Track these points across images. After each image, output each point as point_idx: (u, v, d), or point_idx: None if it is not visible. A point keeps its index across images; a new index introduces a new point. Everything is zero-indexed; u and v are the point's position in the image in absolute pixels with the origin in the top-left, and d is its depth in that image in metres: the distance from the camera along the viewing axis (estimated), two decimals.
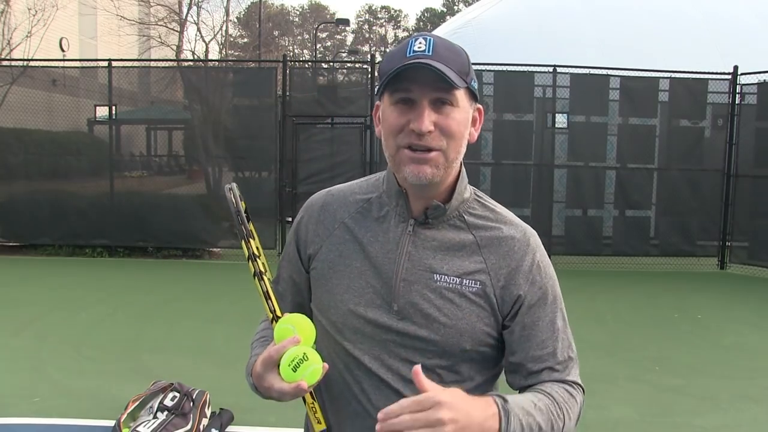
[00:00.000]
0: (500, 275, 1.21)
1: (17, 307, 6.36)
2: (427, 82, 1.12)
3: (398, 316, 1.19)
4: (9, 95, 9.04)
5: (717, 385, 4.55)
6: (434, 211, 1.21)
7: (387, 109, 1.18)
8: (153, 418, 3.48)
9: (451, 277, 1.19)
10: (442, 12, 59.37)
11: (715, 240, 8.96)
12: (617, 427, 3.84)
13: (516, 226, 1.26)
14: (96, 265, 8.64)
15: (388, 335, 1.20)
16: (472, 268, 1.21)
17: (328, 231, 1.28)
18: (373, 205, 1.27)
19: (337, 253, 1.26)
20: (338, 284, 1.24)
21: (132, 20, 14.91)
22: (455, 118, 1.15)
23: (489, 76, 8.75)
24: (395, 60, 1.15)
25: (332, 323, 1.25)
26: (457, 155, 1.18)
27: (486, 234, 1.24)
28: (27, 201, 9.08)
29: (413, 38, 1.16)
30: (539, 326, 1.23)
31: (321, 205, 1.32)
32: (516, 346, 1.22)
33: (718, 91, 8.83)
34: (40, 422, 3.74)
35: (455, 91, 1.14)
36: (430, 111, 1.13)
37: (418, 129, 1.12)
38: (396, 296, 1.20)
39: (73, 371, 4.59)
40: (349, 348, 1.23)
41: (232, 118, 9.39)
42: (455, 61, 1.14)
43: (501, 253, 1.22)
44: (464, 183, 1.26)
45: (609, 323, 6.22)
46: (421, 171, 1.15)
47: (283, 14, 54.25)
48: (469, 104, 1.19)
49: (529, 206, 8.94)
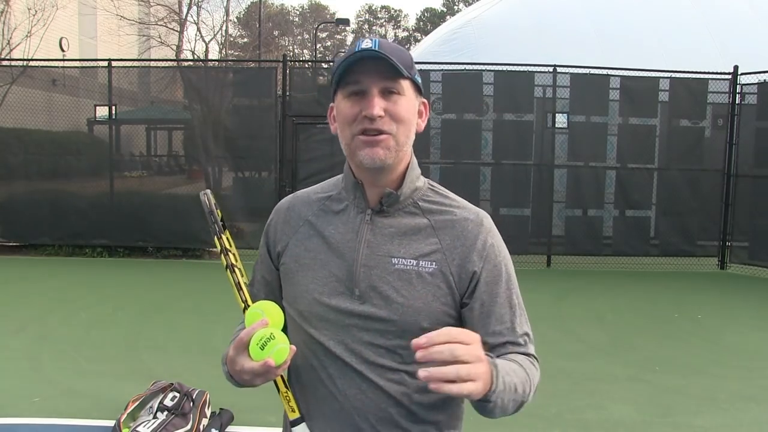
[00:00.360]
0: (455, 254, 1.28)
1: (17, 307, 6.36)
2: (375, 73, 1.22)
3: (360, 300, 1.26)
4: (9, 95, 9.04)
5: (717, 385, 4.55)
6: (388, 199, 1.29)
7: (341, 104, 1.27)
8: (153, 418, 3.48)
9: (408, 259, 1.26)
10: (442, 12, 59.33)
11: (715, 240, 8.96)
12: (617, 427, 3.84)
13: (469, 210, 1.34)
14: (96, 265, 8.64)
15: (350, 320, 1.26)
16: (428, 249, 1.27)
17: (293, 229, 1.37)
18: (333, 201, 1.36)
19: (302, 248, 1.34)
20: (304, 276, 1.31)
21: (132, 20, 14.92)
22: (403, 105, 1.25)
23: (489, 76, 8.75)
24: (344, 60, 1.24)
25: (300, 313, 1.32)
26: (406, 139, 1.27)
27: (440, 217, 1.31)
28: (27, 201, 9.07)
29: (360, 40, 1.25)
30: (497, 302, 1.29)
31: (287, 207, 1.41)
32: (476, 322, 1.28)
33: (718, 91, 8.82)
34: (40, 422, 3.74)
35: (401, 81, 1.24)
36: (379, 98, 1.22)
37: (370, 114, 1.21)
38: (357, 281, 1.26)
39: (73, 371, 4.59)
40: (315, 335, 1.29)
41: (232, 118, 9.39)
42: (399, 56, 1.23)
43: (455, 234, 1.29)
44: (415, 172, 1.33)
45: (609, 323, 6.21)
46: (374, 153, 1.23)
47: (283, 14, 54.25)
48: (414, 95, 1.29)
49: (529, 206, 8.94)
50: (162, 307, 6.47)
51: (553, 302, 6.92)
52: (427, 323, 1.24)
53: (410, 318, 1.24)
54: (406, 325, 1.23)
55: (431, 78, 8.85)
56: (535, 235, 9.00)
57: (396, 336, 1.24)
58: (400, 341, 1.24)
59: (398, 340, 1.24)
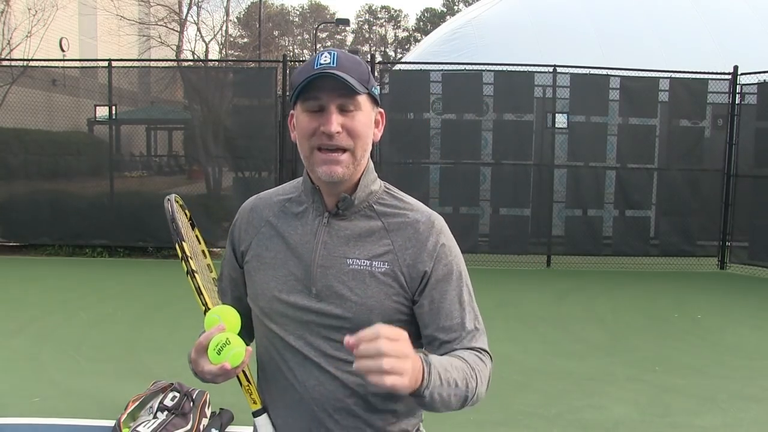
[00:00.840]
0: (406, 255, 1.34)
1: (17, 307, 6.36)
2: (333, 90, 1.28)
3: (317, 298, 1.33)
4: (9, 95, 9.04)
5: (717, 385, 4.55)
6: (344, 203, 1.35)
7: (300, 116, 1.33)
8: (153, 418, 3.48)
9: (362, 260, 1.33)
10: (442, 12, 59.33)
11: (715, 240, 8.96)
12: (617, 427, 3.84)
13: (422, 212, 1.40)
14: (96, 265, 8.64)
15: (308, 316, 1.34)
16: (381, 250, 1.34)
17: (255, 229, 1.45)
18: (293, 203, 1.43)
19: (263, 247, 1.41)
20: (265, 275, 1.39)
21: (132, 20, 14.90)
22: (360, 120, 1.31)
23: (489, 76, 8.75)
24: (304, 73, 1.30)
25: (261, 309, 1.40)
26: (364, 153, 1.33)
27: (393, 220, 1.37)
28: (27, 201, 9.07)
29: (319, 54, 1.31)
30: (447, 299, 1.35)
31: (250, 208, 1.49)
32: (427, 318, 1.35)
33: (718, 91, 8.82)
34: (40, 422, 3.74)
35: (358, 97, 1.30)
36: (337, 115, 1.28)
37: (328, 131, 1.27)
38: (314, 281, 1.34)
39: (73, 371, 4.59)
40: (276, 330, 1.37)
41: (232, 118, 9.39)
42: (356, 71, 1.29)
43: (407, 235, 1.36)
44: (371, 176, 1.39)
45: (609, 323, 6.21)
46: (333, 171, 1.30)
47: (283, 14, 54.24)
48: (371, 108, 1.35)
49: (529, 206, 8.94)
50: (162, 307, 6.47)
51: (553, 302, 6.92)
52: (380, 320, 1.27)
53: (364, 315, 1.30)
54: (360, 321, 1.27)
55: (431, 78, 8.85)
56: (535, 235, 9.00)
57: (351, 332, 1.23)
58: None
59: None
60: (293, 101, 1.34)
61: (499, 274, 8.27)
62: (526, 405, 4.12)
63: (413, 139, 8.75)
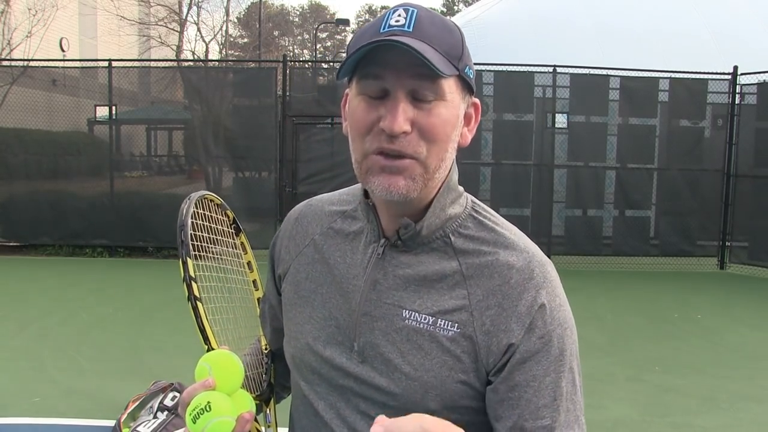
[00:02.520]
0: (486, 315, 0.93)
1: (17, 307, 6.36)
2: (405, 68, 0.87)
3: (359, 358, 0.97)
4: (9, 95, 9.04)
5: (717, 385, 4.55)
6: (405, 231, 0.96)
7: (354, 100, 0.93)
8: (153, 418, 3.48)
9: (423, 315, 0.94)
10: (442, 12, 59.41)
11: (715, 240, 8.96)
12: (617, 427, 3.84)
13: (519, 252, 0.97)
14: (96, 265, 8.64)
15: (346, 380, 0.98)
16: (452, 305, 0.94)
17: (297, 248, 1.08)
18: (346, 218, 1.05)
19: (304, 274, 1.06)
20: (301, 312, 1.04)
21: (132, 20, 14.92)
22: (440, 116, 0.90)
23: (489, 76, 8.75)
24: (366, 36, 0.89)
25: (291, 358, 1.06)
26: (441, 163, 0.93)
27: (476, 261, 0.96)
28: (27, 201, 9.07)
29: (391, 10, 0.91)
30: (535, 387, 0.92)
31: (296, 218, 1.12)
32: (500, 410, 0.93)
33: (718, 91, 8.82)
34: (40, 422, 3.74)
35: (442, 81, 0.88)
36: (407, 105, 0.88)
37: (390, 129, 0.87)
38: (356, 333, 0.97)
39: (73, 371, 4.59)
40: (305, 389, 1.04)
41: (232, 118, 9.39)
42: (443, 40, 0.89)
43: (491, 286, 0.94)
44: (452, 196, 0.99)
45: (609, 323, 6.21)
46: (392, 184, 0.90)
47: (283, 14, 54.25)
48: (460, 97, 0.93)
49: (529, 206, 8.95)
50: (162, 307, 6.47)
51: None
52: (436, 404, 0.93)
53: (415, 395, 0.94)
54: (409, 401, 0.93)
55: None
56: (535, 235, 8.98)
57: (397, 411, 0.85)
58: None
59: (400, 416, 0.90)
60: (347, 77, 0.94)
61: None
62: None
63: None
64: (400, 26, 0.88)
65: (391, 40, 0.85)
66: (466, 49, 0.92)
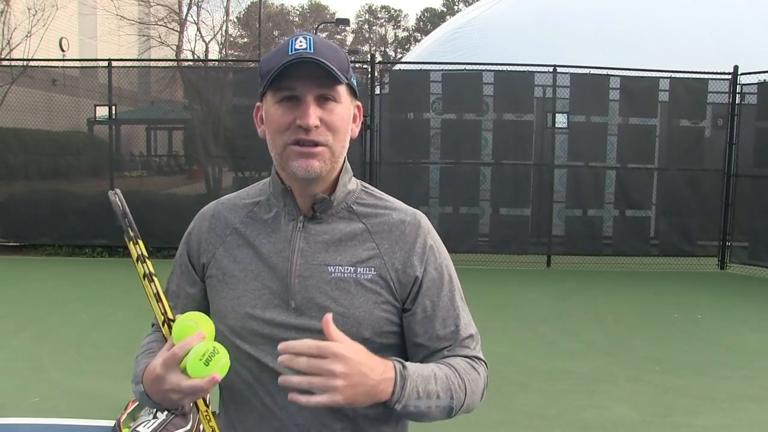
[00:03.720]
0: (395, 259, 1.23)
1: (17, 307, 6.36)
2: (311, 78, 1.14)
3: (296, 312, 1.20)
4: (9, 95, 9.04)
5: (717, 385, 4.55)
6: (321, 205, 1.23)
7: (271, 108, 1.19)
8: (153, 418, 3.48)
9: (345, 267, 1.21)
10: (442, 12, 59.32)
11: (715, 240, 8.96)
12: (617, 427, 3.84)
13: (405, 211, 1.28)
14: (96, 265, 8.64)
15: (287, 333, 1.18)
16: (366, 255, 1.22)
17: (220, 238, 1.29)
18: (261, 207, 1.28)
19: (230, 258, 1.26)
20: (234, 289, 1.24)
21: (132, 20, 14.90)
22: (339, 113, 1.18)
23: (489, 76, 8.75)
24: (277, 59, 1.15)
25: (231, 329, 1.24)
26: (342, 149, 1.21)
27: (376, 221, 1.25)
28: (27, 201, 9.07)
29: (293, 38, 1.18)
30: (440, 306, 1.25)
31: (211, 214, 1.33)
32: (419, 327, 1.24)
33: (718, 91, 8.82)
34: (40, 422, 3.74)
35: (338, 87, 1.17)
36: (315, 107, 1.15)
37: (306, 124, 1.14)
38: (293, 294, 1.20)
39: (73, 371, 4.59)
40: (250, 351, 1.22)
41: (232, 118, 9.39)
42: (335, 59, 1.16)
43: (393, 237, 1.24)
44: (348, 175, 1.27)
45: (609, 323, 6.21)
46: (309, 165, 1.17)
47: (283, 14, 54.25)
48: (350, 100, 1.22)
49: (529, 206, 8.94)
50: None
51: (553, 302, 6.92)
52: (369, 333, 1.20)
53: (351, 329, 1.17)
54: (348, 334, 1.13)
55: (431, 78, 8.85)
56: (535, 235, 9.00)
57: None
58: None
59: None
60: (262, 91, 1.20)
61: (499, 274, 8.27)
62: (526, 405, 4.12)
63: (413, 139, 8.74)
64: (303, 49, 1.15)
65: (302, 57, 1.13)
66: (350, 63, 1.22)
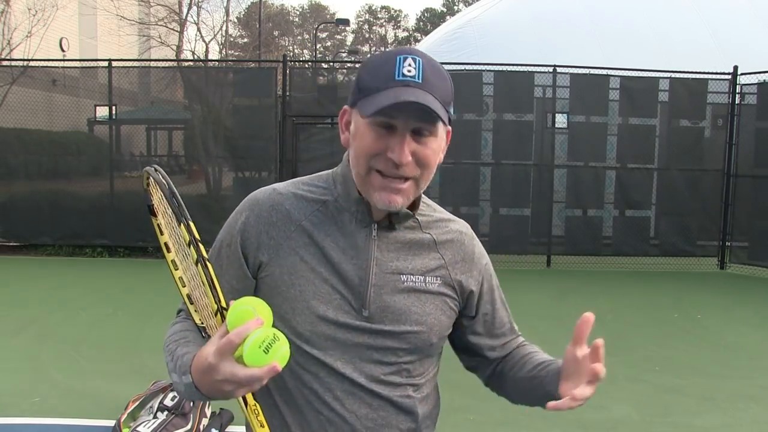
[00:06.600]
0: (457, 269, 1.29)
1: (17, 307, 6.35)
2: (412, 112, 1.09)
3: (368, 321, 1.20)
4: (9, 95, 9.04)
5: (717, 385, 4.55)
6: (398, 216, 1.22)
7: (362, 126, 1.14)
8: (153, 418, 3.48)
9: (416, 276, 1.24)
10: (442, 12, 59.34)
11: (715, 240, 8.96)
12: (617, 427, 3.84)
13: (457, 221, 1.34)
14: (96, 265, 8.64)
15: (360, 338, 1.20)
16: (433, 265, 1.26)
17: (284, 234, 1.22)
18: (329, 207, 1.24)
19: (297, 257, 1.21)
20: (303, 290, 1.20)
21: (132, 20, 14.89)
22: (432, 148, 1.15)
23: (489, 76, 8.75)
24: (381, 79, 1.11)
25: (297, 332, 1.20)
26: (427, 182, 1.19)
27: (439, 231, 1.29)
28: (27, 201, 9.07)
29: (401, 56, 1.12)
30: (497, 308, 1.37)
31: (270, 205, 1.25)
32: (480, 327, 1.35)
33: (718, 91, 8.82)
34: (40, 422, 3.74)
35: (437, 122, 1.13)
36: (410, 140, 1.12)
37: (398, 160, 1.11)
38: (367, 302, 1.20)
39: (73, 371, 4.59)
40: (319, 356, 1.20)
41: (232, 118, 9.39)
42: (442, 89, 1.13)
43: (455, 248, 1.30)
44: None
45: (609, 323, 6.21)
46: (392, 200, 1.15)
47: (283, 14, 54.24)
48: (444, 131, 1.19)
49: (529, 206, 8.94)
50: (162, 307, 6.46)
51: (553, 302, 6.92)
52: (436, 338, 1.27)
53: (423, 336, 1.24)
54: (419, 342, 1.24)
55: None
56: (535, 235, 9.00)
57: (407, 353, 1.24)
58: (410, 357, 1.25)
59: (408, 356, 1.25)
60: (353, 99, 1.16)
61: (499, 274, 8.04)
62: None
63: None
64: (411, 77, 1.10)
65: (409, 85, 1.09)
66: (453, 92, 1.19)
